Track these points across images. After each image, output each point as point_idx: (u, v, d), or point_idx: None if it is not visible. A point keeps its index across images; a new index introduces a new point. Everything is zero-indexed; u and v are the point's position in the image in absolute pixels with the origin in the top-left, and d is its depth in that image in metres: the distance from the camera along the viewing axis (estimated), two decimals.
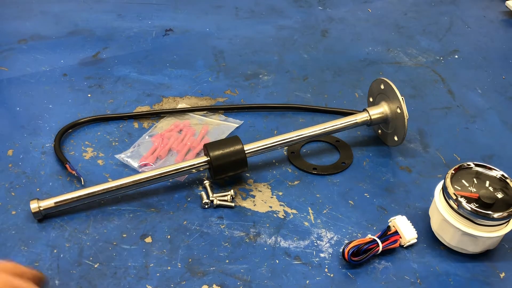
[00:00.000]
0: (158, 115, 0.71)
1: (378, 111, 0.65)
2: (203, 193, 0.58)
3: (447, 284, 0.50)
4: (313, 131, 0.62)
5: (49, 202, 0.54)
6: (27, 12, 0.96)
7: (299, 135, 0.62)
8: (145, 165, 0.62)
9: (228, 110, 0.72)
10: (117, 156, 0.63)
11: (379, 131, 0.68)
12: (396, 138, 0.64)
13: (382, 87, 0.64)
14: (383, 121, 0.65)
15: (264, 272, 0.50)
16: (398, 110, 0.62)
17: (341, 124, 0.64)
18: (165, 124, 0.69)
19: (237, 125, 0.69)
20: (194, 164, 0.58)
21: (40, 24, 0.92)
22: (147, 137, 0.67)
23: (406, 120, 0.61)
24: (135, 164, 0.62)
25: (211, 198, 0.57)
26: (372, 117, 0.65)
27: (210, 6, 1.02)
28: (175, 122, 0.69)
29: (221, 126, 0.69)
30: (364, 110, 0.65)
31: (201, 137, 0.66)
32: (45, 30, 0.90)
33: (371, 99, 0.68)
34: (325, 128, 0.63)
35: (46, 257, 0.51)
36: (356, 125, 0.65)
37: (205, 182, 0.59)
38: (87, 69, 0.80)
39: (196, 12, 0.99)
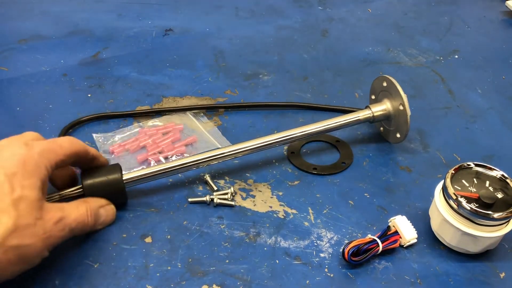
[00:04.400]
0: (160, 114, 0.71)
1: (380, 108, 0.65)
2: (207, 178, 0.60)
3: (447, 284, 0.50)
4: (315, 128, 0.62)
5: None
6: (27, 12, 0.96)
7: (301, 132, 0.62)
8: (113, 152, 0.64)
9: (228, 109, 0.72)
10: (94, 134, 0.66)
11: (381, 128, 0.68)
12: (398, 135, 0.64)
13: (385, 84, 0.64)
14: (386, 118, 0.65)
15: (264, 272, 0.50)
16: (401, 107, 0.62)
17: (344, 121, 0.64)
18: (162, 121, 0.69)
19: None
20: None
21: (40, 24, 0.92)
22: (136, 128, 0.68)
23: (408, 116, 0.61)
24: (104, 146, 0.64)
25: (212, 196, 0.57)
26: (375, 114, 0.65)
27: (210, 6, 1.02)
28: (170, 123, 0.69)
29: (210, 145, 0.66)
30: (367, 107, 0.65)
31: (181, 144, 0.65)
32: (45, 30, 0.90)
33: (373, 97, 0.68)
34: (328, 125, 0.63)
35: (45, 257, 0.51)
36: (358, 122, 0.65)
37: (206, 176, 0.60)
38: (87, 69, 0.80)
39: (196, 12, 0.99)
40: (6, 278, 0.42)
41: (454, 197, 0.50)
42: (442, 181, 0.53)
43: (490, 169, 0.53)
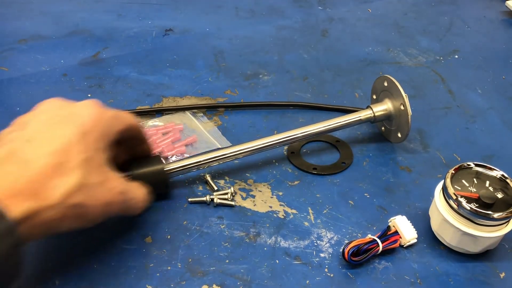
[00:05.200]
0: (160, 113, 0.71)
1: (382, 108, 0.65)
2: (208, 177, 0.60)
3: (447, 284, 0.50)
4: (316, 128, 0.62)
5: None
6: (27, 12, 0.96)
7: (302, 133, 0.62)
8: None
9: (229, 108, 0.73)
10: None
11: (382, 128, 0.68)
12: (399, 135, 0.64)
13: (386, 84, 0.64)
14: (387, 118, 0.65)
15: (264, 272, 0.50)
16: (402, 107, 0.62)
17: (345, 121, 0.64)
18: (162, 121, 0.69)
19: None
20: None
21: (40, 24, 0.92)
22: None
23: (409, 116, 0.61)
24: None
25: (212, 196, 0.57)
26: (376, 114, 0.65)
27: (210, 6, 1.02)
28: (170, 123, 0.68)
29: (210, 145, 0.66)
30: (368, 107, 0.65)
31: (181, 144, 0.65)
32: (45, 30, 0.90)
33: (374, 97, 0.68)
34: (328, 125, 0.63)
35: (45, 257, 0.51)
36: (360, 122, 0.65)
37: (206, 176, 0.60)
38: (87, 69, 0.80)
39: (196, 12, 0.99)
40: (62, 231, 0.43)
41: (454, 197, 0.50)
42: (442, 181, 0.53)
43: (490, 169, 0.53)
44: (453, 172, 0.52)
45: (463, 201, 0.49)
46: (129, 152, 0.54)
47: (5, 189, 0.37)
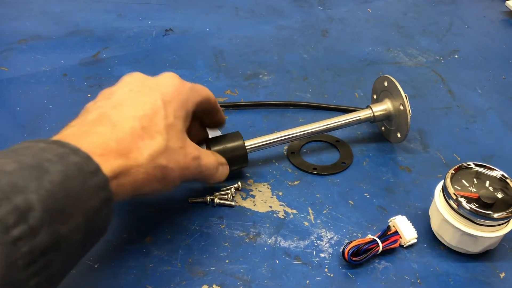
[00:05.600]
0: None
1: (381, 108, 0.65)
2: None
3: (447, 284, 0.50)
4: (316, 127, 0.62)
5: None
6: (27, 12, 0.96)
7: (302, 131, 0.62)
8: None
9: (229, 108, 0.73)
10: None
11: (383, 128, 0.68)
12: (399, 135, 0.64)
13: (386, 84, 0.64)
14: (386, 118, 0.65)
15: (264, 272, 0.50)
16: (401, 107, 0.62)
17: (344, 120, 0.64)
18: None
19: None
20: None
21: (40, 24, 0.92)
22: None
23: (409, 117, 0.61)
24: None
25: (212, 197, 0.57)
26: (375, 114, 0.65)
27: (210, 6, 1.02)
28: None
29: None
30: (368, 107, 0.65)
31: None
32: (45, 30, 0.90)
33: (375, 96, 0.68)
34: (328, 124, 0.63)
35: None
36: (359, 121, 0.65)
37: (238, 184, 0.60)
38: (87, 69, 0.80)
39: (196, 12, 0.99)
40: (144, 193, 0.44)
41: (454, 197, 0.50)
42: (442, 181, 0.53)
43: (490, 169, 0.53)
44: (453, 172, 0.52)
45: (463, 201, 0.49)
46: (202, 125, 0.57)
47: (97, 148, 0.39)
